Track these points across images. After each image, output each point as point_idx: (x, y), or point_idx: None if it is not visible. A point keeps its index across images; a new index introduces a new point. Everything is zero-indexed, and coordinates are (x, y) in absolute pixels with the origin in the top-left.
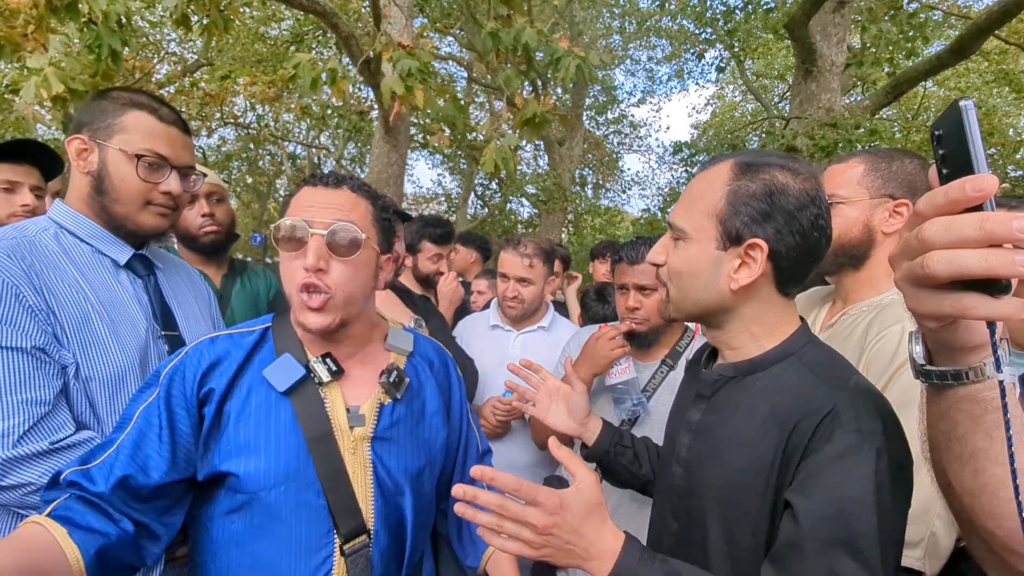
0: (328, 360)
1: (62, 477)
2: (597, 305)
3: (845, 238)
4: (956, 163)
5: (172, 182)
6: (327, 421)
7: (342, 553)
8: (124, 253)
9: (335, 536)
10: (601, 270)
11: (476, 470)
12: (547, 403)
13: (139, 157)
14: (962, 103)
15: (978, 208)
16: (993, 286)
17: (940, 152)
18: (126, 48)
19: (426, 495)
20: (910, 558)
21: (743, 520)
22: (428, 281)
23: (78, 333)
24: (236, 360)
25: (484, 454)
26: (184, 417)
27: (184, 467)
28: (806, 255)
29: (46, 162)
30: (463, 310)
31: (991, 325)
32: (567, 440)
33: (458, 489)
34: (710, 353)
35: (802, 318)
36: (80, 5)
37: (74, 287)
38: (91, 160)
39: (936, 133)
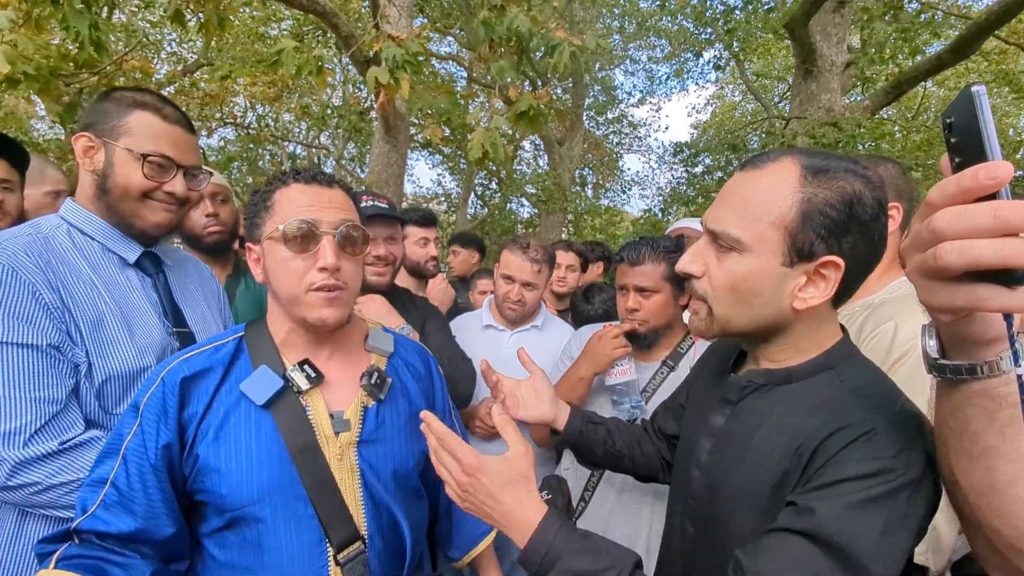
0: (306, 367)
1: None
2: (584, 305)
3: None
4: (968, 151)
5: (177, 183)
6: (310, 430)
7: (337, 563)
8: (134, 251)
9: (328, 546)
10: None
11: (425, 414)
12: (515, 401)
13: (145, 157)
14: (974, 88)
15: (991, 197)
16: (1008, 277)
17: (952, 140)
18: (114, 41)
19: (417, 494)
20: (914, 554)
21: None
22: (420, 272)
23: (93, 332)
24: (215, 377)
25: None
26: (161, 451)
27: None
28: (870, 267)
29: (12, 154)
30: (454, 311)
31: (1008, 317)
32: (547, 440)
33: (427, 414)
34: (738, 355)
35: (843, 327)
36: None
37: (89, 285)
38: (97, 159)
39: (947, 121)
